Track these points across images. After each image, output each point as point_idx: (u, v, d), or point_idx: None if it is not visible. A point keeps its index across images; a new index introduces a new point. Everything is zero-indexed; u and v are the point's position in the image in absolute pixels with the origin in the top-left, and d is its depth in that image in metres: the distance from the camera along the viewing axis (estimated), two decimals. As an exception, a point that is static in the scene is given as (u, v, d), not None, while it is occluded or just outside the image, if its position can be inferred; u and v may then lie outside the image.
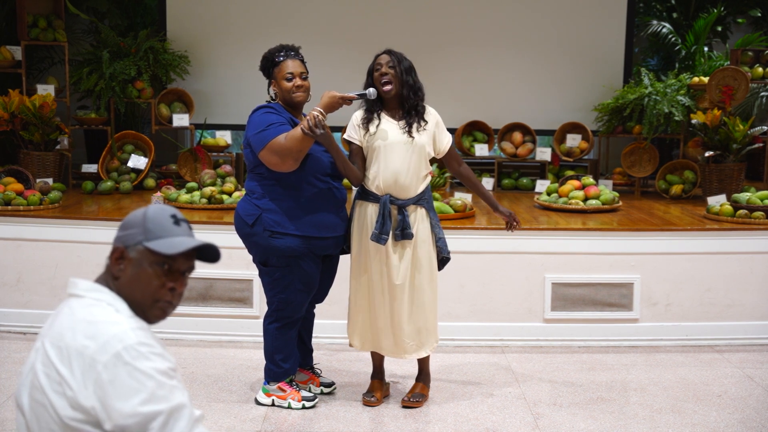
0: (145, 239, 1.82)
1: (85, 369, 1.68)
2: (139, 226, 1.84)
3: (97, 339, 1.70)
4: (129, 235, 1.84)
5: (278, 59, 3.65)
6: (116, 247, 1.84)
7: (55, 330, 1.77)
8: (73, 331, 1.73)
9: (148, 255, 1.82)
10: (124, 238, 1.85)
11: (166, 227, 1.84)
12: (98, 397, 1.67)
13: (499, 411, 3.77)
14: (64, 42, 6.50)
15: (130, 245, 1.83)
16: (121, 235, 1.86)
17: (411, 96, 3.64)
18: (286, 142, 3.45)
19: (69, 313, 1.78)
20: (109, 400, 1.67)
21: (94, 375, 1.68)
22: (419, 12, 7.31)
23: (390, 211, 3.62)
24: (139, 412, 1.66)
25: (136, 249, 1.83)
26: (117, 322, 1.74)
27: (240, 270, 4.67)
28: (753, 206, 5.03)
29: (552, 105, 7.35)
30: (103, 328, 1.72)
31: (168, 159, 7.19)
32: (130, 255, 1.83)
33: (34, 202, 5.04)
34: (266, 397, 3.78)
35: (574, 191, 5.59)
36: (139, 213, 1.86)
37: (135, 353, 1.69)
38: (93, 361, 1.68)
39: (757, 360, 4.56)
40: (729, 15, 8.58)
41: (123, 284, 1.83)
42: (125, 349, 1.68)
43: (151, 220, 1.84)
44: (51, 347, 1.73)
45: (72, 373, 1.69)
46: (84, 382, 1.68)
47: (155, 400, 1.67)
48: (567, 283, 4.74)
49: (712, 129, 6.04)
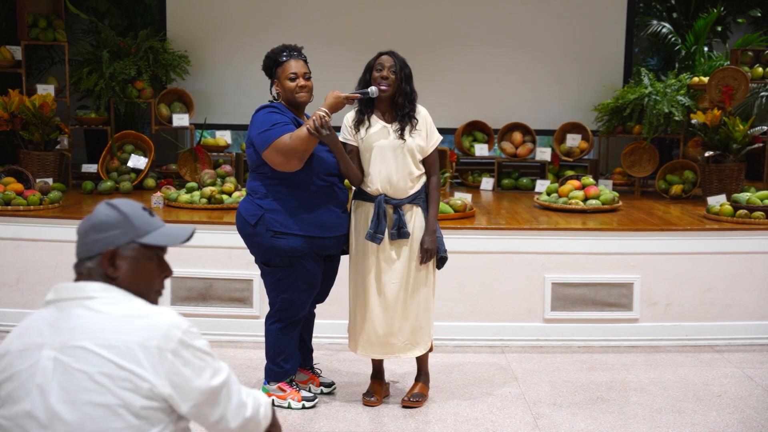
0: (137, 236, 1.86)
1: (155, 360, 1.74)
2: (122, 225, 1.85)
3: (156, 330, 1.76)
4: (113, 236, 1.85)
5: (281, 59, 3.65)
6: (107, 251, 1.84)
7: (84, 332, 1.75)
8: (120, 329, 1.75)
9: (143, 251, 1.87)
10: (108, 240, 1.84)
11: (147, 220, 1.89)
12: (173, 384, 1.75)
13: (499, 411, 3.77)
14: (64, 42, 6.50)
15: (121, 245, 1.85)
16: (100, 237, 1.85)
17: (405, 104, 3.66)
18: (292, 141, 3.45)
19: (96, 313, 1.77)
20: (184, 383, 1.76)
21: (166, 364, 1.75)
22: (419, 12, 7.31)
23: (385, 210, 3.63)
24: (211, 386, 1.80)
25: (130, 247, 1.86)
26: (161, 311, 1.81)
27: (240, 270, 4.67)
28: (753, 206, 5.03)
29: (552, 105, 7.35)
30: (156, 319, 1.78)
31: (168, 159, 7.19)
32: (124, 254, 1.85)
33: (34, 202, 5.04)
34: (266, 396, 3.77)
35: (574, 191, 5.59)
36: (112, 213, 1.86)
37: (191, 335, 1.80)
38: (160, 351, 1.75)
39: (757, 360, 4.56)
40: (729, 15, 8.58)
41: (122, 283, 1.85)
42: (184, 333, 1.78)
43: (134, 217, 1.87)
44: (99, 348, 1.73)
45: (142, 366, 1.73)
46: (156, 372, 1.74)
47: (218, 372, 1.82)
48: (567, 283, 4.74)
49: (712, 129, 6.04)
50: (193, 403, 1.78)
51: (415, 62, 3.74)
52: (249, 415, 1.91)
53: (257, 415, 1.94)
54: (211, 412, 1.83)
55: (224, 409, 1.85)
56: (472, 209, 5.24)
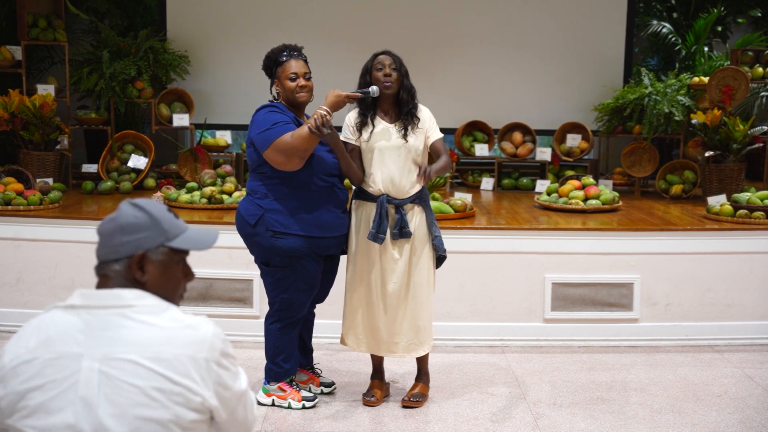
0: (166, 240, 1.82)
1: (203, 373, 1.74)
2: (150, 228, 1.81)
3: (203, 342, 1.76)
4: (143, 239, 1.80)
5: (282, 59, 3.65)
6: (136, 255, 1.79)
7: (130, 344, 1.71)
8: (168, 341, 1.73)
9: (172, 255, 1.84)
10: (137, 243, 1.79)
11: (175, 223, 1.86)
12: (218, 395, 1.77)
13: (499, 411, 3.77)
14: (64, 42, 6.50)
15: (150, 248, 1.81)
16: (128, 240, 1.79)
17: (408, 99, 3.68)
18: (293, 140, 3.45)
19: (140, 324, 1.73)
20: (226, 392, 1.79)
21: (213, 375, 1.76)
22: (419, 12, 7.31)
23: (387, 210, 3.64)
24: (243, 390, 1.86)
25: (159, 251, 1.82)
26: (201, 321, 1.80)
27: (240, 270, 4.67)
28: (753, 206, 5.03)
29: (552, 105, 7.35)
30: (200, 330, 1.77)
31: (168, 159, 7.19)
32: (153, 258, 1.81)
33: (34, 202, 5.04)
34: (266, 397, 3.78)
35: (574, 191, 5.59)
36: (140, 214, 1.81)
37: (227, 343, 1.83)
38: (207, 362, 1.75)
39: (757, 360, 4.56)
40: (729, 15, 8.57)
41: (149, 287, 1.81)
42: (223, 342, 1.81)
43: (162, 219, 1.83)
44: (149, 361, 1.69)
45: (193, 380, 1.72)
46: (206, 385, 1.74)
47: (243, 376, 1.88)
48: (567, 283, 4.74)
49: (712, 129, 6.04)
50: (231, 410, 1.81)
51: (414, 62, 3.75)
52: (256, 410, 1.98)
53: (255, 408, 1.99)
54: (239, 414, 1.86)
55: (247, 409, 1.89)
56: (472, 209, 5.24)
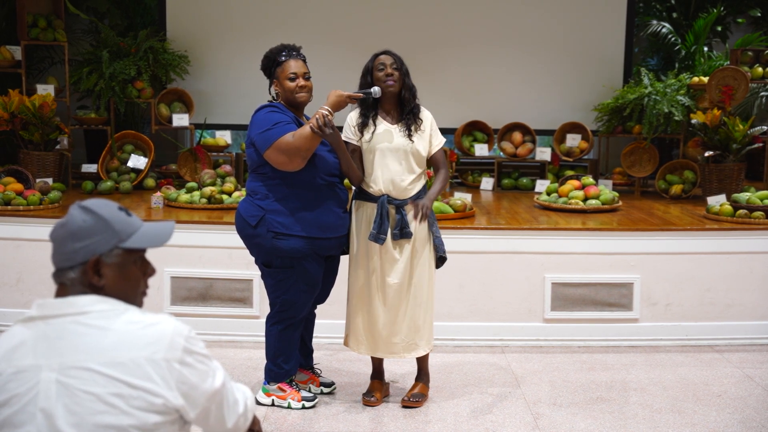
0: (119, 241, 1.79)
1: (164, 373, 1.71)
2: (102, 231, 1.78)
3: (159, 342, 1.72)
4: (95, 244, 1.77)
5: (281, 59, 3.64)
6: (90, 260, 1.77)
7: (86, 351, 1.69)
8: (124, 344, 1.70)
9: (127, 255, 1.81)
10: (90, 248, 1.77)
11: (127, 222, 1.82)
12: (183, 393, 1.73)
13: (499, 411, 3.77)
14: (64, 42, 6.50)
15: (104, 252, 1.78)
16: (80, 246, 1.77)
17: (410, 98, 3.69)
18: (295, 140, 3.44)
19: (95, 330, 1.72)
20: (192, 391, 1.75)
21: (175, 374, 1.72)
22: (419, 12, 7.31)
23: (388, 210, 3.64)
24: (216, 389, 1.80)
25: (113, 254, 1.79)
26: (161, 320, 1.77)
27: (240, 270, 4.67)
28: (753, 206, 5.03)
29: (552, 105, 7.35)
30: (158, 329, 1.74)
31: (168, 159, 7.19)
32: (108, 261, 1.78)
33: (34, 202, 5.04)
34: (266, 397, 3.78)
35: (574, 191, 5.59)
36: (89, 218, 1.79)
37: (192, 340, 1.78)
38: (167, 362, 1.72)
39: (757, 360, 4.56)
40: (729, 15, 8.58)
41: (108, 291, 1.79)
42: (186, 340, 1.76)
43: (113, 220, 1.80)
44: (105, 367, 1.68)
45: (153, 381, 1.69)
46: (167, 384, 1.71)
47: (218, 375, 1.82)
48: (567, 283, 4.74)
49: (712, 129, 6.04)
50: (200, 409, 1.78)
51: (414, 62, 3.75)
52: (241, 411, 1.91)
53: (246, 410, 1.94)
54: (213, 413, 1.82)
55: (223, 409, 1.84)
56: (472, 209, 5.24)
